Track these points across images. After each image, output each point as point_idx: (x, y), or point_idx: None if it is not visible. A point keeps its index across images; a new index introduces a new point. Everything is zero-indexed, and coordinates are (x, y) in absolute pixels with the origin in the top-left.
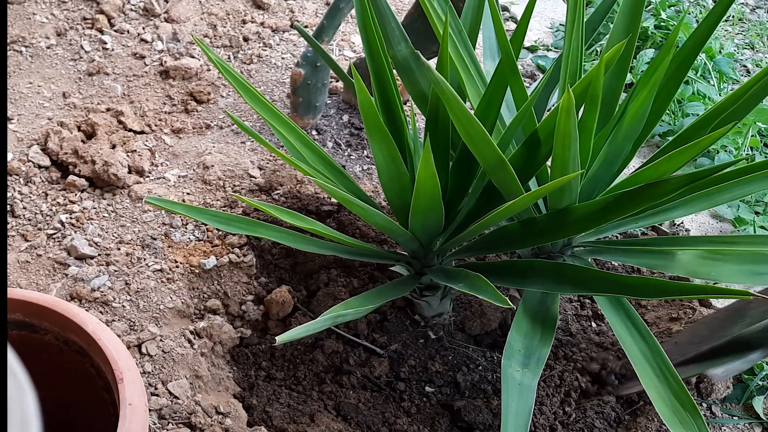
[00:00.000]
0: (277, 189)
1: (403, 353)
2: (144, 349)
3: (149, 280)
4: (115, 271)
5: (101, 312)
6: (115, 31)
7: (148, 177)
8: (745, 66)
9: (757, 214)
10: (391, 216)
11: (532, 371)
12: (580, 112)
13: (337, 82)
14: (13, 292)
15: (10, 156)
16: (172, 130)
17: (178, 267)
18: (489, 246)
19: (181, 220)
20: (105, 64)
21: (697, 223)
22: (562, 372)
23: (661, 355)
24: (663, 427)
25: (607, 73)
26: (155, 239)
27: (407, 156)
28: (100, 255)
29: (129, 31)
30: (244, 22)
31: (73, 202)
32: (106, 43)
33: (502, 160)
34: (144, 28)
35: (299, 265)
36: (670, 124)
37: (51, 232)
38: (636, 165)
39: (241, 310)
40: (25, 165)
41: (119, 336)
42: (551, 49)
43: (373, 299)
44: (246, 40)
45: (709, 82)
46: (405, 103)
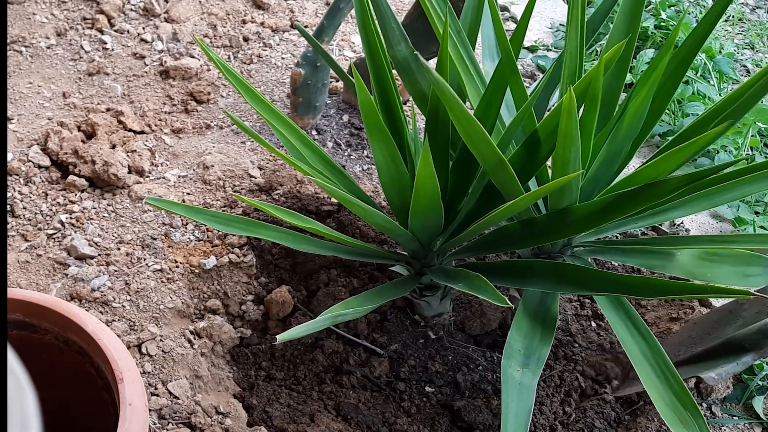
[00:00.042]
0: (277, 189)
1: (403, 353)
2: (144, 349)
3: (149, 280)
4: (115, 271)
5: (101, 312)
6: (115, 31)
7: (148, 177)
8: (745, 66)
9: (757, 214)
10: (391, 216)
11: (532, 371)
12: (580, 111)
13: (337, 82)
14: (13, 292)
15: (10, 156)
16: (172, 130)
17: (178, 267)
18: (489, 246)
19: (181, 220)
20: (105, 64)
21: (697, 223)
22: (562, 372)
23: (661, 355)
24: (663, 427)
25: (606, 73)
26: (155, 239)
27: (407, 156)
28: (100, 255)
29: (129, 31)
30: (244, 22)
31: (73, 202)
32: (106, 43)
33: (501, 161)
34: (144, 28)
35: (299, 265)
36: (670, 124)
37: (51, 232)
38: (636, 165)
39: (241, 310)
40: (25, 165)
41: (119, 336)
42: (551, 49)
43: (372, 299)
44: (246, 40)
45: (709, 82)
46: (405, 103)
